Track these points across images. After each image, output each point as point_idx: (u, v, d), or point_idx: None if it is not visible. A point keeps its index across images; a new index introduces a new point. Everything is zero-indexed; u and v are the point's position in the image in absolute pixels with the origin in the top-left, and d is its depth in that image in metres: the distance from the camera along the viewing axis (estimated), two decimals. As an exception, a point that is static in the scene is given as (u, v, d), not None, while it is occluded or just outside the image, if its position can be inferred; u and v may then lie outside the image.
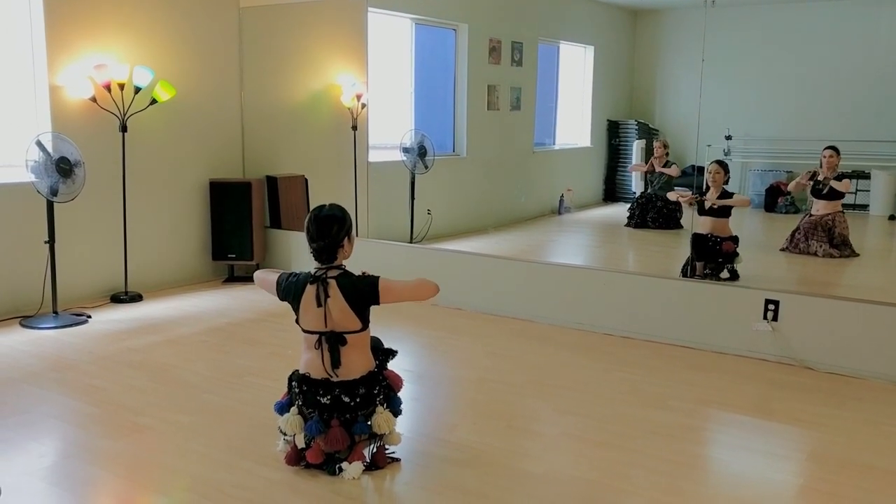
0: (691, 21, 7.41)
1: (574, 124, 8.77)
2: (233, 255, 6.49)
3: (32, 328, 5.00)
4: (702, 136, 6.35)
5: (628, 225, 7.68)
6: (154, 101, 5.81)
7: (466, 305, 5.60)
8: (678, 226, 7.26)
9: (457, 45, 7.62)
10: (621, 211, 7.93)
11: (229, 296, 6.05)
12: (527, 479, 2.99)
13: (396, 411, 3.12)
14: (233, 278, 6.58)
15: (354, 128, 6.46)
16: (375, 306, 3.04)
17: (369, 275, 3.03)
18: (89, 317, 5.29)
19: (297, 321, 3.07)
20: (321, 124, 6.73)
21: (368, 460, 3.02)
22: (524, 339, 4.95)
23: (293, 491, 2.88)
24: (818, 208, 6.46)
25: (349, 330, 2.99)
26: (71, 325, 5.06)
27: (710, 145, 7.08)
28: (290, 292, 3.04)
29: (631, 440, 3.38)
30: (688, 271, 5.50)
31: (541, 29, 8.43)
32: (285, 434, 3.06)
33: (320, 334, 2.99)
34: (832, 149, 6.46)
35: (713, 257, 5.56)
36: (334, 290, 2.97)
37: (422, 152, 6.99)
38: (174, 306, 5.68)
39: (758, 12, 7.56)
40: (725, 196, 5.71)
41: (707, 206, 5.70)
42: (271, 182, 6.69)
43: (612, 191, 8.81)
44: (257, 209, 6.48)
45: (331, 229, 2.98)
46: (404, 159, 6.97)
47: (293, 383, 3.07)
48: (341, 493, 2.86)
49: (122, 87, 5.63)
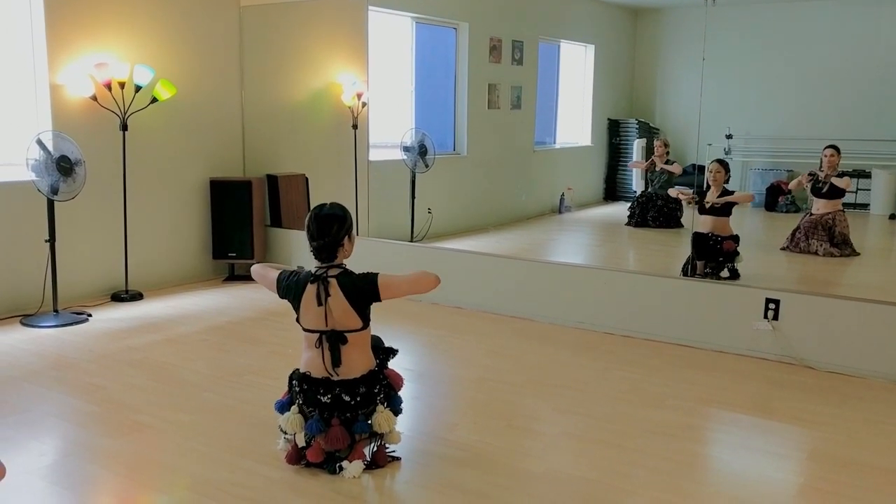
0: (692, 20, 7.41)
1: (574, 123, 8.77)
2: (233, 254, 6.49)
3: (33, 326, 5.01)
4: (702, 134, 6.35)
5: (629, 224, 7.68)
6: (154, 100, 5.81)
7: (467, 304, 5.60)
8: (679, 225, 7.26)
9: (457, 44, 7.61)
10: (622, 210, 7.93)
11: (230, 294, 6.05)
12: (527, 479, 2.99)
13: (397, 410, 3.12)
14: (233, 277, 6.58)
15: (355, 126, 6.46)
16: (376, 305, 3.04)
17: (368, 272, 3.02)
18: (90, 315, 5.29)
19: (297, 320, 3.07)
20: (322, 123, 6.73)
21: (369, 459, 3.02)
22: (524, 338, 4.95)
23: (293, 490, 2.88)
24: (819, 207, 6.45)
25: (350, 329, 2.99)
26: (71, 324, 5.06)
27: (710, 144, 7.07)
28: (291, 291, 3.04)
29: (631, 439, 3.38)
30: (688, 270, 5.50)
31: (541, 28, 8.42)
32: (286, 433, 3.06)
33: (321, 333, 2.99)
34: (833, 148, 6.46)
35: (714, 256, 5.56)
36: (335, 288, 2.97)
37: (422, 151, 6.99)
38: (174, 305, 5.68)
39: (758, 11, 7.55)
40: (726, 195, 5.71)
41: (709, 204, 5.69)
42: (272, 181, 6.69)
43: (613, 190, 8.81)
44: (258, 208, 6.48)
45: (331, 228, 2.98)
46: (405, 158, 6.97)
47: (294, 382, 3.07)
48: (342, 492, 2.86)
49: (122, 85, 5.63)
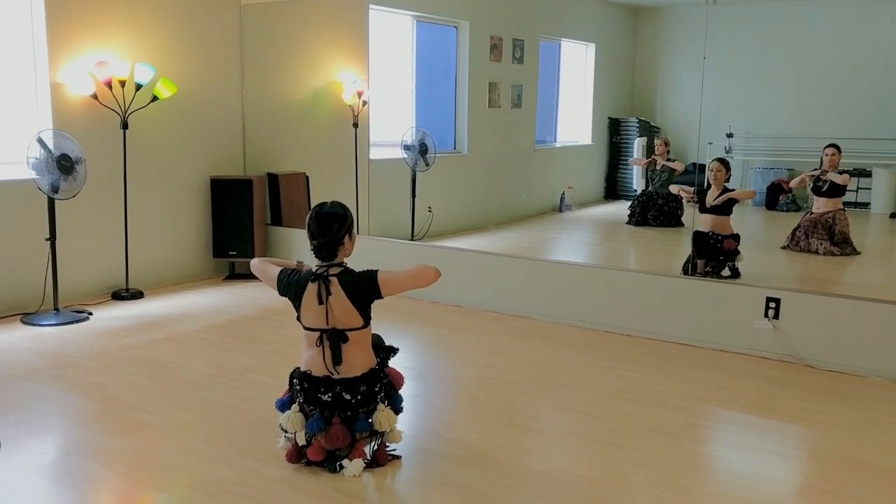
0: (692, 19, 7.40)
1: (575, 122, 8.77)
2: (234, 253, 6.49)
3: (33, 325, 5.01)
4: (703, 133, 6.34)
5: (629, 223, 7.68)
6: (155, 99, 5.81)
7: (467, 303, 5.60)
8: (679, 223, 7.26)
9: (458, 43, 7.61)
10: (622, 208, 7.93)
11: (230, 293, 6.05)
12: (527, 477, 2.99)
13: (397, 409, 3.12)
14: (234, 275, 6.58)
15: (355, 125, 6.46)
16: (376, 304, 3.03)
17: (368, 270, 3.02)
18: (90, 314, 5.29)
19: (297, 318, 3.07)
20: (322, 121, 6.73)
21: (369, 458, 3.02)
22: (525, 337, 4.95)
23: (294, 488, 2.88)
24: (819, 206, 6.45)
25: (351, 327, 2.98)
26: (72, 322, 5.06)
27: (711, 143, 7.07)
28: (292, 290, 3.04)
29: (631, 438, 3.38)
30: (689, 269, 5.50)
31: (542, 26, 8.42)
32: (286, 431, 3.05)
33: (321, 332, 2.99)
34: (834, 146, 6.46)
35: (714, 255, 5.56)
36: (336, 287, 2.96)
37: (423, 150, 6.99)
38: (175, 303, 5.68)
39: (759, 10, 7.55)
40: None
41: (710, 203, 5.69)
42: (272, 179, 6.69)
43: (613, 188, 8.81)
44: (258, 206, 6.48)
45: (332, 227, 2.97)
46: (405, 157, 6.98)
47: (294, 381, 3.07)
48: (342, 491, 2.86)
49: (123, 84, 5.63)
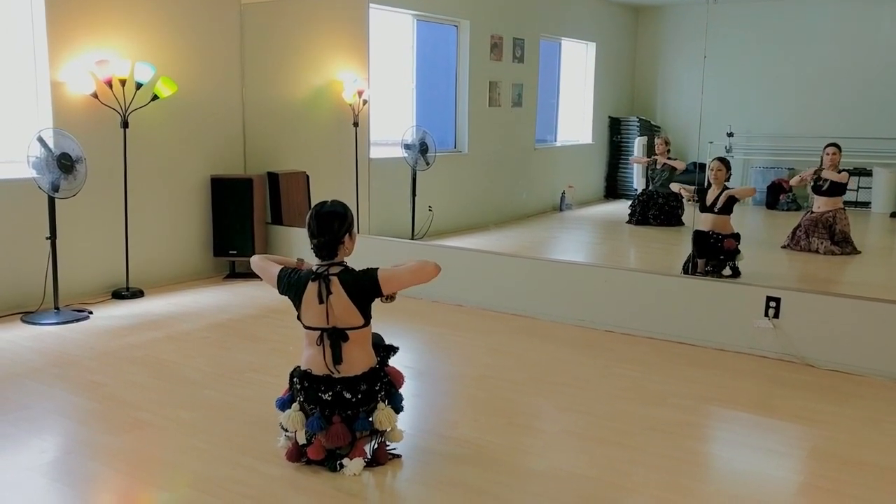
0: (693, 18, 7.41)
1: (575, 121, 8.78)
2: (234, 252, 6.49)
3: (34, 324, 5.01)
4: (703, 132, 6.34)
5: (630, 222, 7.68)
6: (155, 98, 5.81)
7: (467, 302, 5.60)
8: (679, 223, 7.27)
9: (458, 42, 7.61)
10: (622, 208, 7.94)
11: (230, 292, 6.05)
12: (528, 476, 2.99)
13: (398, 408, 3.12)
14: (234, 275, 6.58)
15: (356, 124, 6.47)
16: (376, 303, 3.04)
17: (368, 268, 3.02)
18: (91, 313, 5.29)
19: (298, 317, 3.07)
20: (323, 121, 6.73)
21: (370, 457, 3.02)
22: (525, 336, 4.95)
23: (294, 487, 2.88)
24: (819, 205, 6.46)
25: (351, 326, 2.98)
26: (72, 321, 5.06)
27: (711, 142, 7.08)
28: (292, 289, 3.04)
29: (631, 437, 3.38)
30: (689, 268, 5.50)
31: (542, 25, 8.42)
32: (286, 430, 3.06)
33: (322, 331, 2.99)
34: (834, 146, 6.47)
35: (715, 254, 5.56)
36: (336, 286, 2.96)
37: (423, 149, 6.99)
38: (175, 302, 5.68)
39: (759, 9, 7.55)
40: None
41: (710, 201, 5.69)
42: (273, 178, 6.69)
43: (614, 187, 8.82)
44: (258, 205, 6.47)
45: (332, 225, 2.97)
46: (406, 156, 6.98)
47: (294, 380, 3.07)
48: (342, 490, 2.86)
49: (123, 83, 5.63)
